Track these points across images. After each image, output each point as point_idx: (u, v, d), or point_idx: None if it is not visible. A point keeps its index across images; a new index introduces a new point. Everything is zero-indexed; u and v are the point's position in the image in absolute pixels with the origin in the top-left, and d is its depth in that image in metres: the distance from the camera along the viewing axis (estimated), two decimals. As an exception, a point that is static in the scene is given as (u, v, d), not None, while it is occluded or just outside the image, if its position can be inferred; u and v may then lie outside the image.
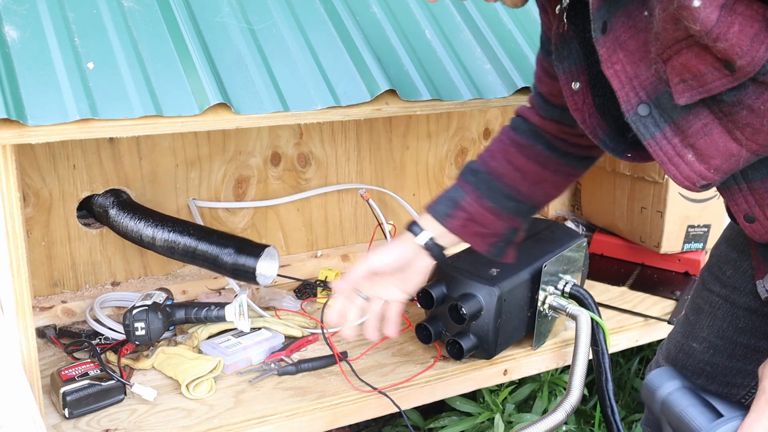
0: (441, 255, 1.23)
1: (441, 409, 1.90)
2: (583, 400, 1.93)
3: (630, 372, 2.07)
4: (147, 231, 1.51)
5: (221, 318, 1.45)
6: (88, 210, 1.63)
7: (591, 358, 1.55)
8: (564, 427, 1.83)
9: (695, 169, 0.89)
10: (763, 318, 1.13)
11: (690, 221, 1.92)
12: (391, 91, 1.35)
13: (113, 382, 1.30)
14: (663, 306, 1.78)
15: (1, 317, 1.16)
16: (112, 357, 1.43)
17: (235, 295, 1.46)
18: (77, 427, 1.26)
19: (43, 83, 1.13)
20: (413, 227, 1.22)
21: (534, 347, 1.56)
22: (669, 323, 1.71)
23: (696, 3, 0.74)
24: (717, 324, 1.19)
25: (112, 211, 1.56)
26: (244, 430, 1.27)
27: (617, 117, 0.95)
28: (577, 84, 1.00)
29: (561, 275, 1.55)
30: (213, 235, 1.48)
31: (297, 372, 1.42)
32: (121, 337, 1.46)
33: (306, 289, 1.75)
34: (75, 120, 1.10)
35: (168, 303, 1.46)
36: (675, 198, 1.89)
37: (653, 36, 0.84)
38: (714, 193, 1.11)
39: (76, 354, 1.44)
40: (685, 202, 1.90)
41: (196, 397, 1.33)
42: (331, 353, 1.46)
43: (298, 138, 1.81)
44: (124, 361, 1.42)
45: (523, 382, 1.74)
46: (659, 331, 1.72)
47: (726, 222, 1.24)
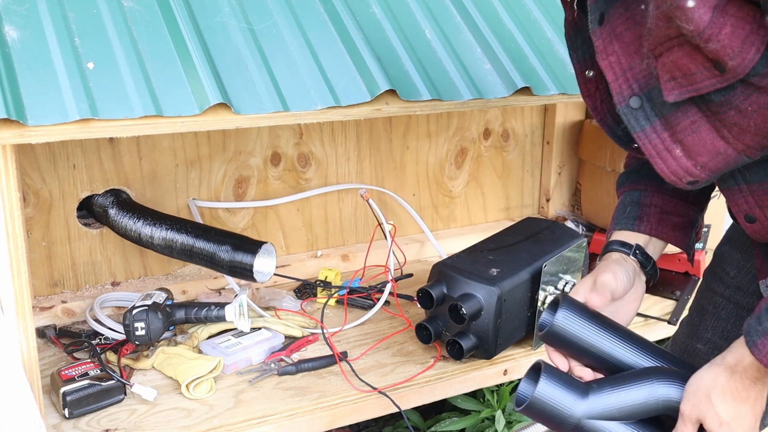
0: (653, 272, 1.09)
1: (441, 410, 1.90)
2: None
3: (630, 372, 2.07)
4: (145, 230, 1.51)
5: (221, 318, 1.45)
6: (88, 210, 1.63)
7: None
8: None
9: (682, 165, 0.89)
10: None
11: (690, 221, 1.92)
12: (391, 91, 1.35)
13: (113, 382, 1.30)
14: (663, 306, 1.78)
15: (1, 317, 1.16)
16: (112, 357, 1.42)
17: (235, 295, 1.46)
18: (77, 427, 1.26)
19: (43, 83, 1.13)
20: (613, 246, 1.07)
21: (534, 347, 1.56)
22: (669, 323, 1.71)
23: (690, 3, 0.74)
24: (721, 325, 1.19)
25: (111, 211, 1.56)
26: (244, 430, 1.27)
27: None
28: (591, 72, 1.00)
29: (561, 275, 1.55)
30: (210, 233, 1.48)
31: (297, 372, 1.42)
32: (121, 337, 1.45)
33: (306, 289, 1.75)
34: (75, 120, 1.10)
35: (168, 303, 1.46)
36: (675, 198, 1.89)
37: (647, 31, 0.84)
38: (714, 193, 1.11)
39: (76, 354, 1.44)
40: (685, 202, 1.90)
41: (196, 397, 1.33)
42: (331, 353, 1.46)
43: (298, 138, 1.81)
44: (124, 361, 1.42)
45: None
46: (659, 331, 1.72)
47: (727, 222, 1.24)
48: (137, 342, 1.40)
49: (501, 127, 2.10)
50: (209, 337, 1.50)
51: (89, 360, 1.38)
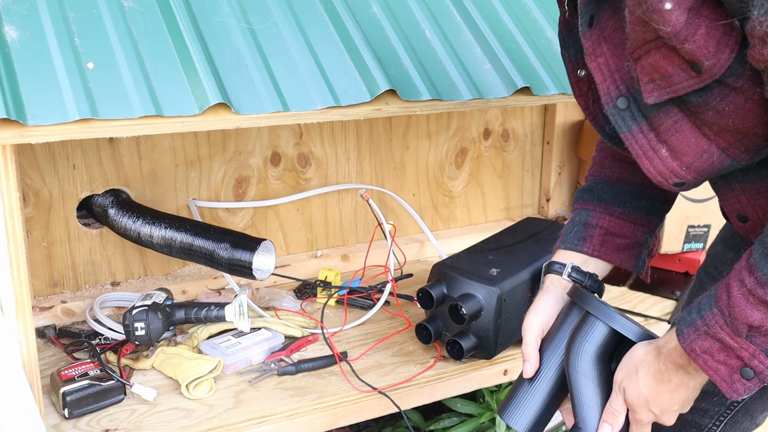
0: (596, 285, 1.12)
1: (441, 410, 1.90)
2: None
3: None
4: (144, 229, 1.51)
5: (221, 318, 1.45)
6: (87, 210, 1.63)
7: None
8: (564, 426, 1.83)
9: (668, 165, 0.91)
10: None
11: (690, 221, 1.92)
12: (391, 91, 1.35)
13: (113, 382, 1.30)
14: (663, 306, 1.78)
15: (1, 317, 1.16)
16: (112, 357, 1.42)
17: (235, 295, 1.46)
18: (77, 427, 1.26)
19: (43, 83, 1.13)
20: (553, 267, 1.13)
21: (534, 347, 1.56)
22: (669, 323, 1.71)
23: (667, 5, 0.76)
24: None
25: (111, 211, 1.56)
26: (244, 430, 1.27)
27: None
28: (583, 72, 1.01)
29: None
30: (209, 231, 1.48)
31: (297, 372, 1.42)
32: (121, 337, 1.45)
33: (306, 289, 1.75)
34: (75, 120, 1.10)
35: (168, 303, 1.46)
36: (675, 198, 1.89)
37: (627, 35, 0.86)
38: (714, 193, 1.12)
39: (76, 354, 1.44)
40: (685, 202, 1.90)
41: (196, 397, 1.33)
42: (331, 353, 1.46)
43: (298, 138, 1.81)
44: (124, 361, 1.42)
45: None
46: (659, 332, 1.72)
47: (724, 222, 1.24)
48: (137, 342, 1.40)
49: (501, 127, 2.10)
50: (209, 337, 1.50)
51: (89, 360, 1.38)
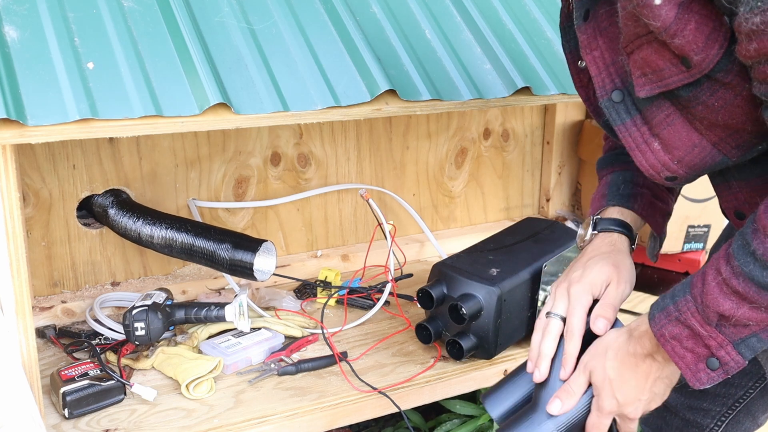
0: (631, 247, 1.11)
1: (441, 411, 1.90)
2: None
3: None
4: (145, 229, 1.51)
5: (221, 318, 1.45)
6: (87, 210, 1.63)
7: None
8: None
9: (660, 159, 0.91)
10: None
11: (690, 221, 1.92)
12: (391, 91, 1.35)
13: (113, 382, 1.30)
14: (663, 306, 1.78)
15: (1, 317, 1.16)
16: (112, 357, 1.42)
17: (235, 295, 1.46)
18: (77, 427, 1.26)
19: (43, 83, 1.13)
20: (608, 225, 1.09)
21: (534, 347, 1.56)
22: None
23: (657, 1, 0.77)
24: None
25: (111, 211, 1.56)
26: (244, 430, 1.27)
27: None
28: (584, 63, 1.02)
29: (561, 275, 1.55)
30: (210, 231, 1.48)
31: (297, 372, 1.42)
32: (121, 337, 1.45)
33: (306, 289, 1.75)
34: (75, 120, 1.10)
35: (168, 303, 1.46)
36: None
37: (620, 29, 0.86)
38: (714, 193, 1.12)
39: (76, 354, 1.44)
40: (685, 202, 1.90)
41: (196, 397, 1.33)
42: (331, 353, 1.46)
43: (298, 138, 1.81)
44: (124, 361, 1.42)
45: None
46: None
47: (726, 222, 1.24)
48: (137, 342, 1.40)
49: (501, 127, 2.10)
50: (209, 337, 1.50)
51: (89, 360, 1.38)
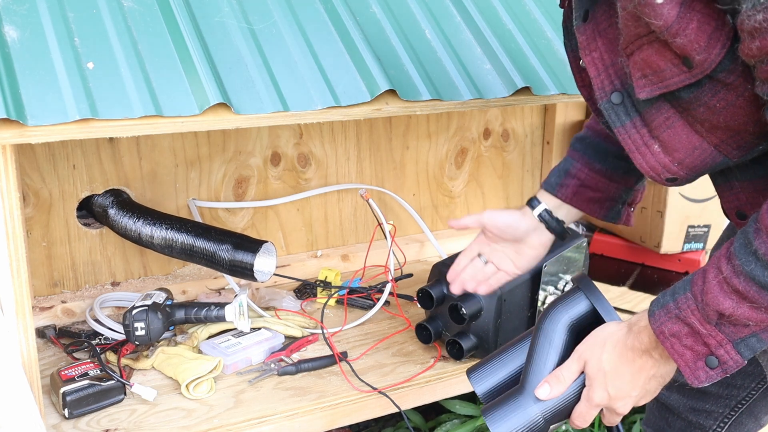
0: (560, 229, 1.23)
1: (441, 411, 1.90)
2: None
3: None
4: (145, 229, 1.51)
5: (221, 318, 1.45)
6: (88, 210, 1.63)
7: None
8: (564, 427, 1.83)
9: (660, 161, 0.91)
10: None
11: (690, 221, 1.92)
12: (391, 91, 1.35)
13: (113, 382, 1.30)
14: (663, 306, 1.78)
15: (1, 317, 1.16)
16: (112, 357, 1.42)
17: (235, 295, 1.46)
18: (77, 427, 1.26)
19: (43, 83, 1.13)
20: (531, 201, 1.23)
21: (534, 347, 1.56)
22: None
23: (659, 0, 0.76)
24: None
25: (111, 211, 1.56)
26: (244, 430, 1.27)
27: None
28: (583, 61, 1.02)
29: (561, 275, 1.55)
30: (210, 232, 1.48)
31: (297, 372, 1.42)
32: (121, 337, 1.45)
33: (306, 289, 1.75)
34: (75, 120, 1.10)
35: (168, 303, 1.45)
36: (675, 198, 1.90)
37: (619, 30, 0.86)
38: (714, 193, 1.12)
39: (76, 354, 1.44)
40: (685, 202, 1.90)
41: (196, 397, 1.33)
42: (331, 353, 1.46)
43: (298, 138, 1.81)
44: (124, 361, 1.42)
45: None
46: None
47: (727, 222, 1.24)
48: (137, 342, 1.40)
49: (501, 127, 2.10)
50: (209, 337, 1.50)
51: (89, 360, 1.38)
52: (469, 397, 1.88)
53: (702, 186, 1.16)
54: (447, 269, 1.46)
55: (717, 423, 1.26)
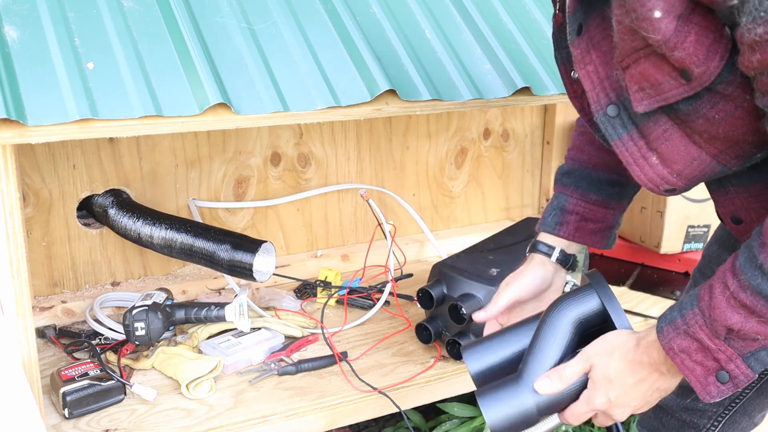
0: (574, 264, 1.21)
1: (441, 411, 1.90)
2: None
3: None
4: (145, 229, 1.51)
5: (221, 318, 1.45)
6: (88, 210, 1.63)
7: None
8: (564, 427, 1.83)
9: (658, 173, 0.91)
10: None
11: (690, 221, 1.92)
12: (391, 91, 1.35)
13: (113, 382, 1.30)
14: (663, 306, 1.78)
15: (1, 317, 1.16)
16: (112, 357, 1.43)
17: (235, 295, 1.46)
18: (77, 427, 1.26)
19: (43, 83, 1.13)
20: (540, 247, 1.19)
21: (534, 347, 1.56)
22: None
23: (657, 14, 0.76)
24: None
25: (111, 211, 1.56)
26: (244, 430, 1.27)
27: None
28: (577, 74, 1.01)
29: (561, 275, 1.55)
30: (210, 232, 1.48)
31: (297, 372, 1.42)
32: (121, 337, 1.45)
33: (306, 289, 1.75)
34: (75, 120, 1.10)
35: (168, 303, 1.46)
36: (675, 198, 1.90)
37: (614, 44, 0.85)
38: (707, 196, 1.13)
39: (76, 354, 1.44)
40: (685, 202, 1.90)
41: (196, 397, 1.33)
42: (331, 353, 1.46)
43: (298, 138, 1.81)
44: (124, 361, 1.42)
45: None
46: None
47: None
48: (137, 342, 1.40)
49: (501, 127, 2.10)
50: (209, 337, 1.50)
51: (89, 360, 1.38)
52: (469, 399, 1.88)
53: (702, 186, 1.16)
54: (447, 269, 1.47)
55: (711, 422, 1.26)
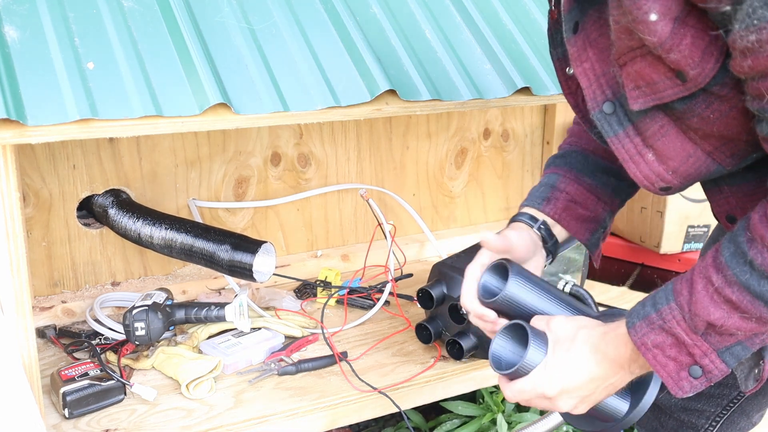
0: (553, 248, 1.12)
1: (442, 411, 1.90)
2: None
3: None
4: (145, 230, 1.51)
5: (221, 318, 1.45)
6: (88, 210, 1.63)
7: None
8: (564, 427, 1.83)
9: (654, 170, 0.91)
10: None
11: (690, 221, 1.92)
12: (391, 91, 1.35)
13: (113, 382, 1.30)
14: (663, 306, 1.78)
15: (1, 317, 1.16)
16: (112, 357, 1.43)
17: (235, 295, 1.46)
18: (77, 427, 1.26)
19: (43, 83, 1.13)
20: (522, 216, 1.11)
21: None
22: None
23: (653, 17, 0.76)
24: None
25: (111, 211, 1.56)
26: (244, 430, 1.27)
27: None
28: (572, 70, 1.01)
29: (561, 275, 1.55)
30: (210, 232, 1.48)
31: (297, 372, 1.42)
32: (121, 337, 1.45)
33: (306, 289, 1.75)
34: (75, 120, 1.10)
35: (168, 303, 1.45)
36: (675, 198, 1.90)
37: (611, 42, 0.86)
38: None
39: (76, 354, 1.44)
40: (685, 202, 1.90)
41: (196, 397, 1.33)
42: (331, 353, 1.46)
43: (298, 138, 1.81)
44: (124, 361, 1.42)
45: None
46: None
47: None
48: (137, 342, 1.40)
49: (501, 127, 2.10)
50: (209, 337, 1.50)
51: (89, 360, 1.38)
52: (470, 398, 1.88)
53: (701, 187, 1.16)
54: (447, 269, 1.46)
55: (709, 422, 1.26)
